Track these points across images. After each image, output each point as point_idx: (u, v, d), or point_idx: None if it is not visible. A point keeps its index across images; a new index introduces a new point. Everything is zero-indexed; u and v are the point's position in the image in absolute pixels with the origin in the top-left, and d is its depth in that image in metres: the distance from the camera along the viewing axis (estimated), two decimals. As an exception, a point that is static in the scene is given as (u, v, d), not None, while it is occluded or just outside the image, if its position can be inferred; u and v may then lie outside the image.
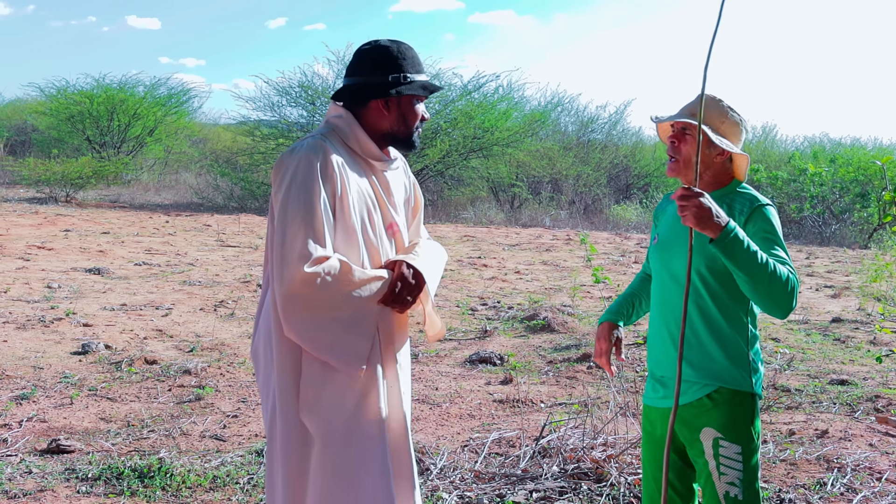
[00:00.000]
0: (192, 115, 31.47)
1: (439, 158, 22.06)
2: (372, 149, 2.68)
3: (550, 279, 11.79)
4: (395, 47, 2.67)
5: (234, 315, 8.46)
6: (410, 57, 2.69)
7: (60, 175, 20.64)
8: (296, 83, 23.09)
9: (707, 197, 2.39)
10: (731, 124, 2.68)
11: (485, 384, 6.33)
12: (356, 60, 2.69)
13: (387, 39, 2.70)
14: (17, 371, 6.13)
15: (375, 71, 2.64)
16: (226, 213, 20.48)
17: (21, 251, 11.98)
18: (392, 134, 2.70)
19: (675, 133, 2.67)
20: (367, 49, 2.68)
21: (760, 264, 2.42)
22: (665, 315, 2.73)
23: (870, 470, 4.59)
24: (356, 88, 2.67)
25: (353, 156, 2.67)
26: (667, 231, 2.77)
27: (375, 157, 2.70)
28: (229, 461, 4.55)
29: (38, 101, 29.24)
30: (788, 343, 7.92)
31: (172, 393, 5.82)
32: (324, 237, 2.47)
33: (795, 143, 30.35)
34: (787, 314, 2.50)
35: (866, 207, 19.12)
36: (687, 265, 2.49)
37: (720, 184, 2.69)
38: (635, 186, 26.13)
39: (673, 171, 2.69)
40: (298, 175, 2.49)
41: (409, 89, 2.64)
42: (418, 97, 2.69)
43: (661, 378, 2.75)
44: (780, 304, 2.46)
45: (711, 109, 2.67)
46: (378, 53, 2.66)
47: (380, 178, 2.74)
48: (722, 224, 2.38)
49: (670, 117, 2.70)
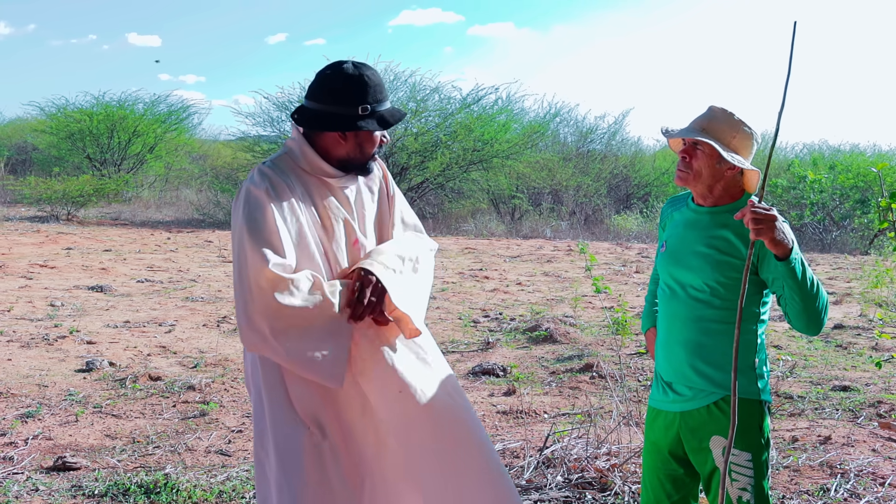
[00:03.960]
0: (192, 131, 31.53)
1: (439, 171, 22.09)
2: (323, 167, 2.64)
3: (552, 290, 11.81)
4: (357, 76, 2.59)
5: (236, 331, 8.46)
6: (374, 85, 2.60)
7: (62, 193, 20.68)
8: (295, 98, 23.15)
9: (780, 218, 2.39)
10: (743, 138, 2.67)
11: (488, 395, 6.35)
12: (318, 85, 2.61)
13: (351, 64, 2.61)
14: (21, 389, 6.15)
15: (335, 101, 2.58)
16: (227, 228, 20.47)
17: (23, 270, 12.01)
18: (347, 160, 2.65)
19: (687, 148, 2.68)
20: (329, 75, 2.61)
21: (815, 289, 2.47)
22: (672, 320, 2.74)
23: (873, 475, 4.60)
24: (314, 116, 2.61)
25: (307, 176, 2.64)
26: (674, 239, 2.78)
27: (329, 175, 2.66)
28: (235, 476, 4.57)
29: (39, 120, 29.24)
30: (790, 350, 7.94)
31: (177, 409, 5.84)
32: (282, 250, 2.44)
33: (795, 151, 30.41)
34: (819, 332, 2.56)
35: (866, 214, 19.13)
36: (697, 278, 2.57)
37: (732, 197, 2.70)
38: (635, 196, 26.15)
39: (682, 180, 2.70)
40: (248, 202, 2.49)
41: (367, 125, 2.58)
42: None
43: (668, 383, 2.76)
44: (818, 324, 2.53)
45: (723, 123, 2.66)
46: (338, 83, 2.58)
47: (338, 194, 2.69)
48: (788, 244, 2.40)
49: (681, 132, 2.70)
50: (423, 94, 22.81)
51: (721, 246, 2.61)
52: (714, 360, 2.64)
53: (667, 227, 2.89)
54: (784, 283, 2.49)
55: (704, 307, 2.66)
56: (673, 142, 2.79)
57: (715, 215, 2.69)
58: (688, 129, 2.69)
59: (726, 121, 2.66)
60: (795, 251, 2.42)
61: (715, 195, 2.69)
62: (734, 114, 2.68)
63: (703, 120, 2.69)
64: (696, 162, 2.66)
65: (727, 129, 2.66)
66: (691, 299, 2.68)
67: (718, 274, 2.61)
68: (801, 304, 2.48)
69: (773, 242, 2.38)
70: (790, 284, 2.46)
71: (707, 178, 2.65)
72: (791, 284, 2.46)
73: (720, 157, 2.62)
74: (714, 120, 2.67)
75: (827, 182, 20.20)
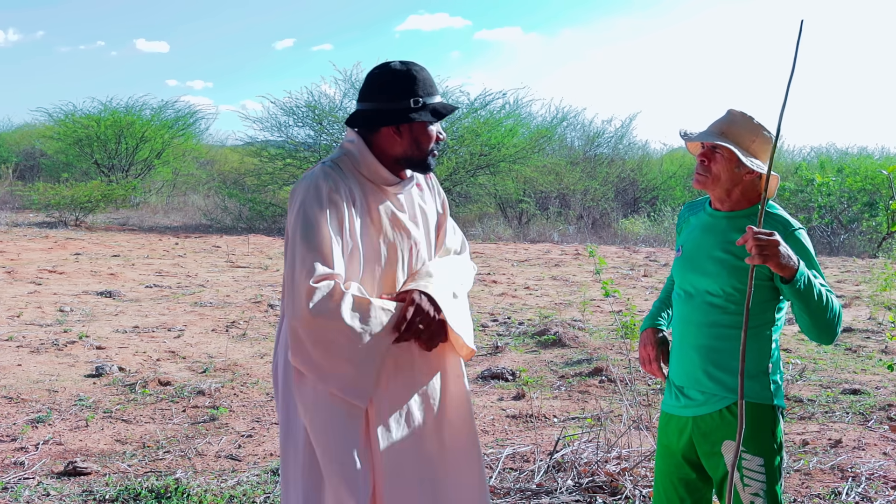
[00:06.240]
0: (200, 136, 31.66)
1: (447, 176, 22.11)
2: (383, 174, 2.63)
3: (560, 294, 11.80)
4: (405, 70, 2.60)
5: (245, 335, 8.50)
6: (423, 79, 2.61)
7: (70, 199, 20.74)
8: (302, 103, 23.21)
9: (782, 241, 2.39)
10: (763, 142, 2.66)
11: (497, 400, 6.34)
12: (367, 85, 2.63)
13: (398, 62, 2.62)
14: (32, 394, 6.17)
15: (385, 97, 2.58)
16: (235, 234, 20.54)
17: (32, 275, 12.05)
18: (406, 158, 2.64)
19: (706, 151, 2.67)
20: (377, 73, 2.62)
21: (824, 303, 2.47)
22: (686, 326, 2.74)
23: (884, 479, 4.59)
24: (367, 115, 2.61)
25: (365, 181, 2.63)
26: (690, 245, 2.77)
27: (387, 182, 2.65)
28: (245, 481, 4.58)
29: (47, 126, 29.40)
30: (800, 353, 7.92)
31: (187, 414, 5.85)
32: (332, 260, 2.43)
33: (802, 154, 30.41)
34: (833, 341, 2.57)
35: (875, 216, 19.09)
36: (713, 283, 2.58)
37: (749, 202, 2.69)
38: (643, 200, 26.15)
39: (700, 184, 2.69)
40: (307, 202, 2.48)
41: (419, 116, 2.57)
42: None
43: (680, 387, 2.76)
44: (831, 335, 2.54)
45: (742, 127, 2.65)
46: (387, 78, 2.60)
47: (394, 201, 2.68)
48: (794, 266, 2.41)
49: (700, 136, 2.69)
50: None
51: (737, 251, 2.60)
52: (727, 365, 2.63)
53: (683, 231, 2.88)
54: (791, 300, 2.51)
55: (719, 312, 2.65)
56: (691, 145, 2.77)
57: (732, 220, 2.68)
58: (707, 133, 2.68)
59: (746, 125, 2.65)
60: (801, 270, 2.42)
61: (733, 199, 2.68)
62: (753, 117, 2.66)
63: (722, 123, 2.68)
64: (714, 166, 2.65)
65: (746, 133, 2.64)
66: (706, 304, 2.67)
67: (734, 279, 2.60)
68: (809, 320, 2.50)
69: (779, 266, 2.39)
70: (797, 303, 2.48)
71: (726, 181, 2.64)
72: (798, 303, 2.48)
73: (739, 161, 2.61)
74: (733, 124, 2.66)
75: (835, 185, 20.16)
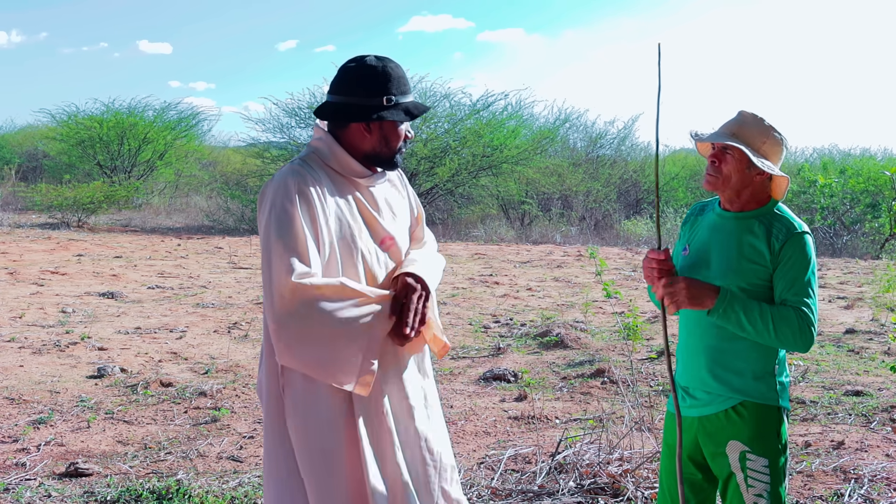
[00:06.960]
0: (202, 138, 31.68)
1: (449, 177, 22.12)
2: (353, 166, 2.61)
3: (562, 295, 11.79)
4: (380, 67, 2.56)
5: (247, 337, 8.50)
6: (397, 77, 2.58)
7: (72, 200, 20.78)
8: (305, 104, 23.22)
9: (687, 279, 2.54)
10: (773, 143, 2.66)
11: (499, 401, 6.34)
12: (340, 78, 2.59)
13: (373, 57, 2.59)
14: (34, 395, 6.17)
15: (358, 92, 2.55)
16: (237, 235, 20.55)
17: (35, 276, 12.06)
18: (374, 155, 2.61)
19: (716, 152, 2.67)
20: (352, 67, 2.58)
21: (762, 320, 2.52)
22: (693, 326, 2.75)
23: (887, 480, 4.58)
24: (338, 108, 2.58)
25: (336, 175, 2.61)
26: (699, 246, 2.77)
27: (358, 174, 2.63)
28: (247, 482, 4.57)
29: (49, 128, 29.44)
30: (802, 355, 7.91)
31: (188, 415, 5.85)
32: (308, 258, 2.41)
33: (805, 155, 30.38)
34: (807, 350, 2.58)
35: (877, 218, 19.08)
36: (720, 283, 2.58)
37: (758, 203, 2.69)
38: (645, 201, 26.14)
39: (711, 185, 2.69)
40: (277, 202, 2.45)
41: (391, 115, 2.55)
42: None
43: (685, 387, 2.76)
44: (793, 346, 2.56)
45: (753, 128, 2.65)
46: (362, 73, 2.56)
47: (365, 193, 2.66)
48: (713, 294, 2.52)
49: (710, 136, 2.69)
50: (433, 100, 22.85)
51: (745, 251, 2.61)
52: (733, 366, 2.64)
53: (688, 231, 2.88)
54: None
55: None
56: (702, 146, 2.78)
57: (740, 220, 2.67)
58: (718, 134, 2.68)
59: (756, 126, 2.65)
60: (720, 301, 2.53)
61: (742, 200, 2.68)
62: (764, 119, 2.66)
63: (733, 125, 2.68)
64: (725, 166, 2.65)
65: (757, 135, 2.65)
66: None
67: (741, 279, 2.60)
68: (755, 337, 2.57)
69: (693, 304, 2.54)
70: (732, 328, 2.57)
71: (736, 182, 2.64)
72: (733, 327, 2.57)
73: (750, 162, 2.61)
74: (744, 125, 2.66)
75: (837, 186, 20.16)
